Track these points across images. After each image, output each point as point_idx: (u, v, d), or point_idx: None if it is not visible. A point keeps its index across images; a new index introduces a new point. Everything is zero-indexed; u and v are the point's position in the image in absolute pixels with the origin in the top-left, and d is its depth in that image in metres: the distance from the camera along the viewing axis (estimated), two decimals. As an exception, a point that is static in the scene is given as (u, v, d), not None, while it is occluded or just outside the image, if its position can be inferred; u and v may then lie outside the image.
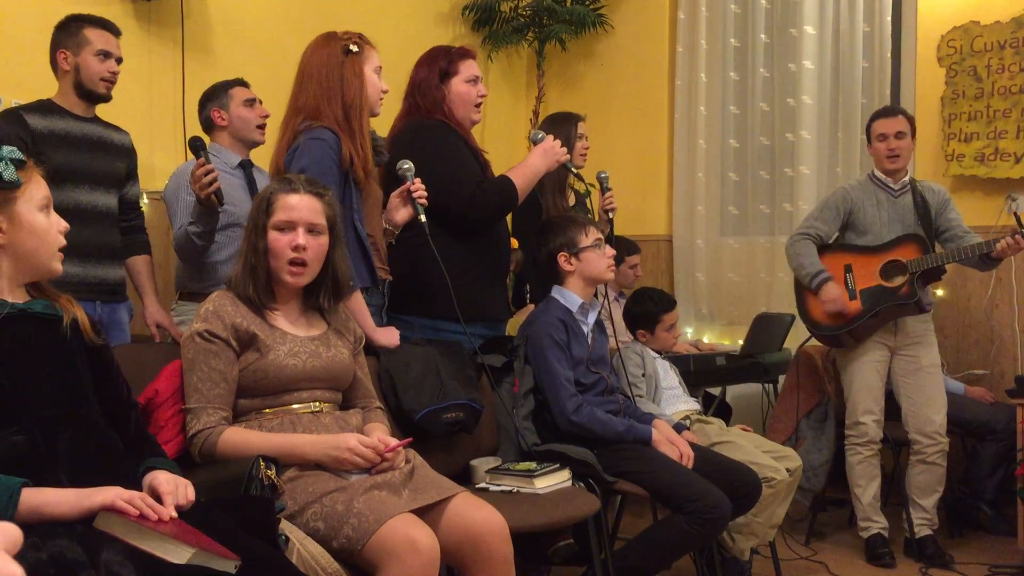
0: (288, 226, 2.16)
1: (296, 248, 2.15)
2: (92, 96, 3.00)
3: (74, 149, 2.95)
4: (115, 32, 3.03)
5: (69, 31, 2.96)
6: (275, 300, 2.21)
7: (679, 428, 3.08)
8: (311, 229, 2.17)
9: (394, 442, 2.11)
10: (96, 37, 2.96)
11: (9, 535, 1.22)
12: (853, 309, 3.68)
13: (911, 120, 3.76)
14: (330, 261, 2.23)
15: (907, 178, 3.76)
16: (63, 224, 1.79)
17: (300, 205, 2.17)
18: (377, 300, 2.76)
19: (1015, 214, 3.46)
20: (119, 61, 3.02)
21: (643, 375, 3.34)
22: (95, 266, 2.99)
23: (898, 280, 3.60)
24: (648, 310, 3.52)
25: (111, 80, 3.00)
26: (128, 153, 3.16)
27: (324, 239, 2.20)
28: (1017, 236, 3.40)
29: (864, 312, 3.66)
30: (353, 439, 2.04)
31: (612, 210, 3.45)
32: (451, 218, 2.87)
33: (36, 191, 1.74)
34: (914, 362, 3.65)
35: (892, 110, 3.83)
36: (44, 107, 2.96)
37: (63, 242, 1.79)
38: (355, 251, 2.61)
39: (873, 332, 3.70)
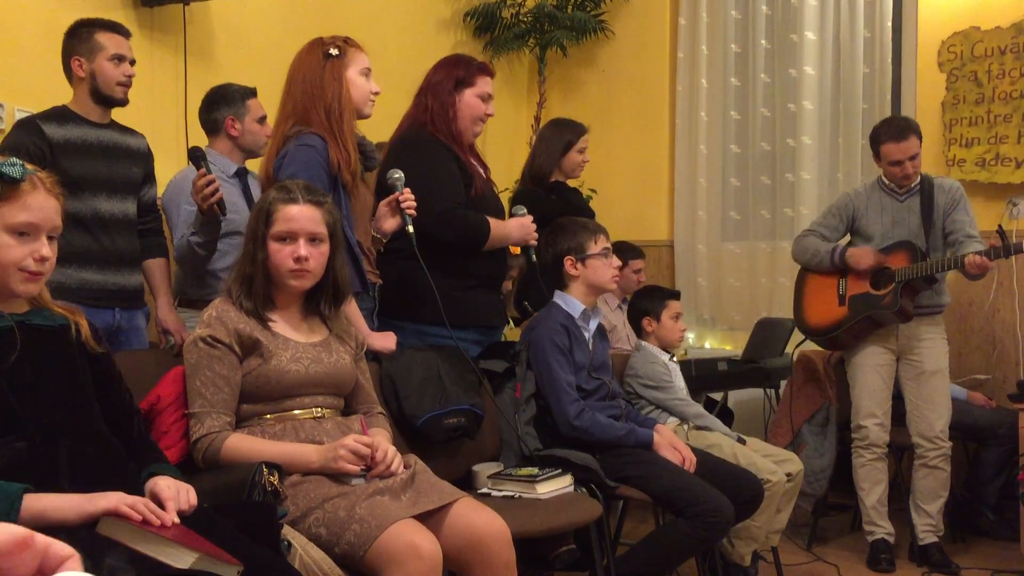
0: (289, 236, 2.15)
1: (298, 259, 2.14)
2: (109, 101, 2.98)
3: (92, 157, 2.93)
4: (126, 34, 3.02)
5: (81, 37, 2.93)
6: (275, 308, 2.21)
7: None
8: (312, 239, 2.17)
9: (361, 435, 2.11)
10: (108, 41, 2.94)
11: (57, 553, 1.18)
12: (839, 315, 3.68)
13: (919, 132, 3.59)
14: (331, 267, 2.23)
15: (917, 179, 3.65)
16: (42, 251, 1.67)
17: (300, 216, 2.16)
18: (368, 304, 2.75)
19: (999, 232, 3.29)
20: (132, 63, 3.01)
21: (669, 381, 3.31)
22: (114, 273, 2.97)
23: (885, 288, 3.58)
24: (653, 299, 3.47)
25: (127, 83, 2.98)
26: (144, 157, 3.14)
27: (325, 247, 2.20)
28: (982, 256, 3.28)
29: (847, 319, 3.66)
30: (349, 438, 2.05)
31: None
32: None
33: (11, 213, 1.64)
34: (917, 366, 3.63)
35: (901, 131, 3.56)
36: (60, 115, 2.92)
37: (31, 267, 1.66)
38: (345, 256, 2.61)
39: (864, 337, 3.69)
